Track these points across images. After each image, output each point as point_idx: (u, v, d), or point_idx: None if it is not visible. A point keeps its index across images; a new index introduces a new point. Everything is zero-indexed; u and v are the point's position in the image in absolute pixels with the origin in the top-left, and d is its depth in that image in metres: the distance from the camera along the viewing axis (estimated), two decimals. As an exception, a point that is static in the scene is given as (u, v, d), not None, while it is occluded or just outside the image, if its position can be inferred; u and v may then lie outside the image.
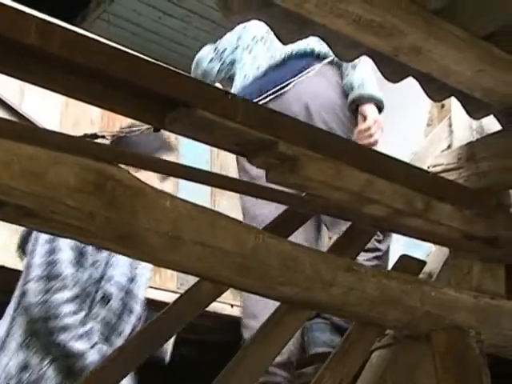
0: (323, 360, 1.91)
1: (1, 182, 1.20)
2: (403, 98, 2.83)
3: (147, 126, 2.44)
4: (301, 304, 1.76)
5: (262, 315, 2.49)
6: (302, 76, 2.70)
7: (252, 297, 2.42)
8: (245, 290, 1.74)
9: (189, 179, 1.54)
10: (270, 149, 1.57)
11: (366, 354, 1.97)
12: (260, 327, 1.96)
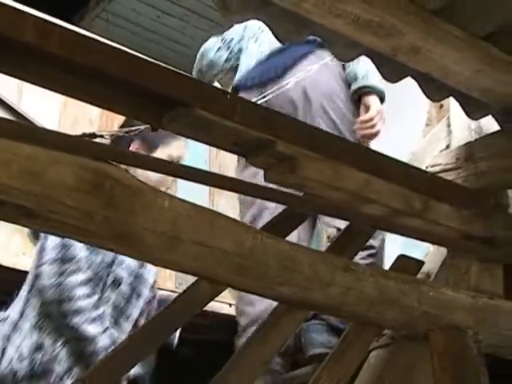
0: (321, 361, 1.92)
1: (-1, 182, 1.21)
2: (402, 97, 2.82)
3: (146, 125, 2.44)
4: (299, 304, 1.76)
5: (258, 302, 2.49)
6: (302, 62, 2.70)
7: None
8: (243, 290, 1.74)
9: (187, 179, 1.54)
10: (269, 148, 1.57)
11: (364, 354, 1.98)
12: (258, 327, 1.96)
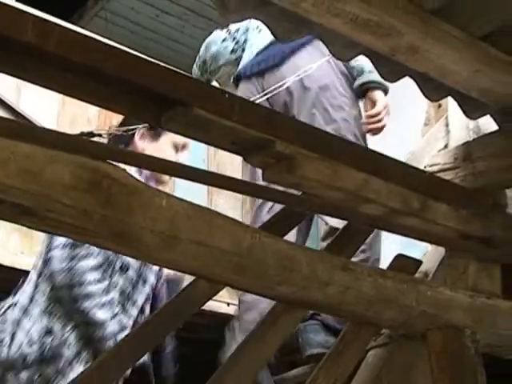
0: (319, 361, 1.92)
1: (-3, 181, 1.21)
2: (400, 97, 2.82)
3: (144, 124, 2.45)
4: (297, 303, 1.76)
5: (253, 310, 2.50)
6: (300, 51, 2.71)
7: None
8: (241, 289, 1.74)
9: (185, 178, 1.54)
10: (267, 148, 1.57)
11: (362, 354, 1.98)
12: (256, 326, 1.96)
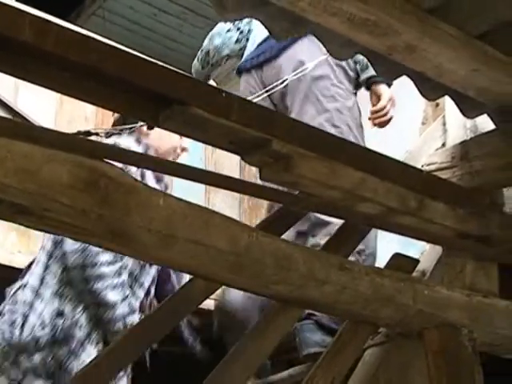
0: (316, 360, 1.92)
1: (-6, 180, 1.21)
2: (398, 96, 2.83)
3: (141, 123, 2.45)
4: (294, 302, 1.76)
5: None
6: (297, 43, 2.72)
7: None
8: (238, 288, 1.74)
9: (183, 177, 1.54)
10: (264, 147, 1.57)
11: (359, 353, 1.98)
12: (255, 324, 1.96)
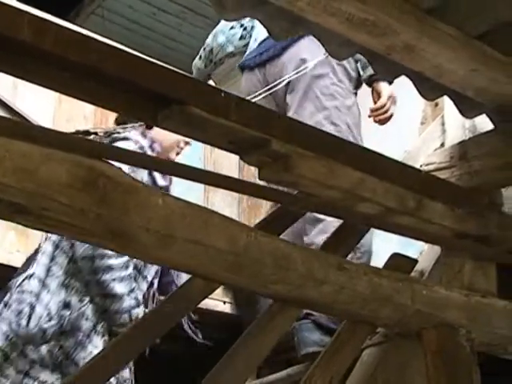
0: (314, 359, 1.92)
1: (-7, 179, 1.21)
2: (398, 95, 2.83)
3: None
4: (293, 302, 1.76)
5: None
6: (300, 42, 2.72)
7: None
8: (237, 288, 1.74)
9: (182, 177, 1.54)
10: (263, 147, 1.58)
11: (357, 352, 1.98)
12: (254, 322, 1.96)
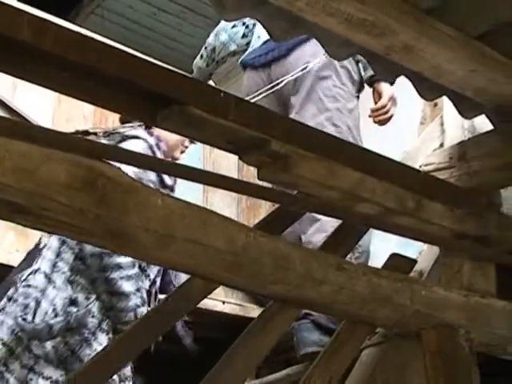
0: (313, 359, 1.92)
1: (-8, 179, 1.21)
2: (398, 95, 2.83)
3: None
4: (291, 302, 1.76)
5: None
6: (305, 44, 2.72)
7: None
8: (236, 288, 1.74)
9: (182, 177, 1.54)
10: (263, 147, 1.58)
11: (356, 352, 1.98)
12: (253, 322, 1.96)
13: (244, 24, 3.07)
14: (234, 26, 3.09)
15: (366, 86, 2.86)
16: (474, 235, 1.97)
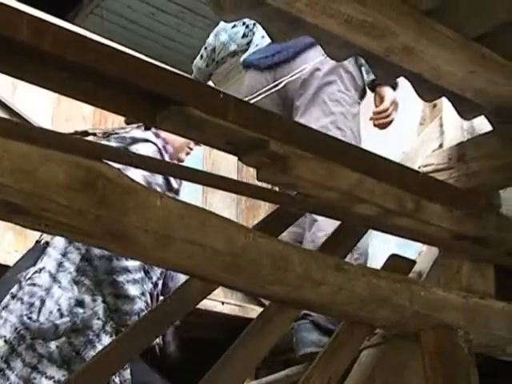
0: (312, 360, 1.92)
1: (-10, 179, 1.21)
2: (397, 96, 2.83)
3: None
4: (291, 303, 1.76)
5: None
6: (313, 48, 2.72)
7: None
8: (235, 289, 1.74)
9: (181, 178, 1.54)
10: (262, 148, 1.58)
11: (355, 353, 1.98)
12: (252, 323, 1.96)
13: (244, 24, 3.07)
14: (234, 26, 3.09)
15: (367, 90, 2.86)
16: (472, 236, 1.98)
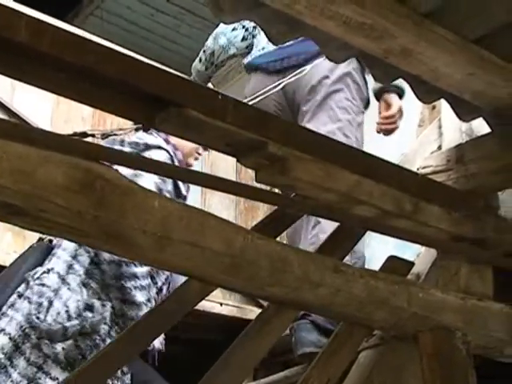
0: (311, 360, 1.92)
1: (-11, 180, 1.21)
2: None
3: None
4: (289, 304, 1.76)
5: None
6: (321, 56, 2.72)
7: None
8: (233, 290, 1.74)
9: (180, 179, 1.54)
10: (260, 149, 1.58)
11: (353, 355, 1.98)
12: (251, 324, 1.96)
13: (244, 27, 3.06)
14: (233, 29, 3.07)
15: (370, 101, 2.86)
16: (471, 238, 1.98)
